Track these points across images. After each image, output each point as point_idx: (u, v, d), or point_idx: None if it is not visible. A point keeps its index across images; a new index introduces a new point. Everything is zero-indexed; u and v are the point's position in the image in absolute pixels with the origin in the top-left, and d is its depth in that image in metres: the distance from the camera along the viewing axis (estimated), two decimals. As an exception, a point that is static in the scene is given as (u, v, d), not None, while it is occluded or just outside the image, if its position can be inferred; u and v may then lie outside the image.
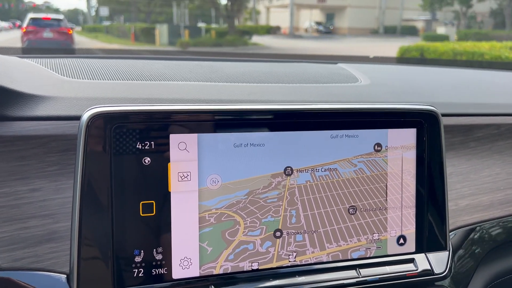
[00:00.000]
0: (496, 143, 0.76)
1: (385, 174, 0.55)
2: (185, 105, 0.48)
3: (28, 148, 0.51)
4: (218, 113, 0.48)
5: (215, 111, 0.48)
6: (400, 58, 1.69)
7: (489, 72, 1.08)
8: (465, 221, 0.65)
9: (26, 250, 0.47)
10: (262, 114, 0.50)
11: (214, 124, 0.48)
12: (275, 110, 0.50)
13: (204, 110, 0.48)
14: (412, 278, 0.55)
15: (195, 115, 0.48)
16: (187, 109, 0.47)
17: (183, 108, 0.47)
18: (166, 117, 0.47)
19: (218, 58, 0.94)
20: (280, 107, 0.51)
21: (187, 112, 0.47)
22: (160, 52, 2.82)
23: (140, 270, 0.46)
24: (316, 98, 0.70)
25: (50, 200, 0.50)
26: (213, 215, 0.49)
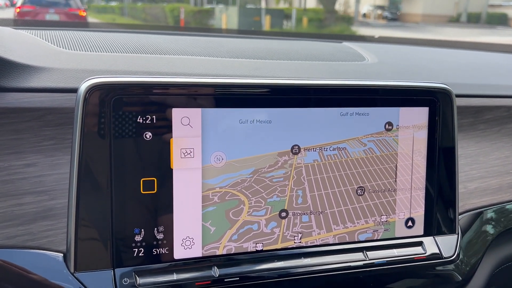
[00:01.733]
0: (506, 126, 0.74)
1: (395, 155, 0.53)
2: (188, 78, 0.45)
3: (22, 121, 0.48)
4: (223, 87, 0.46)
5: (220, 84, 0.46)
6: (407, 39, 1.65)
7: (499, 54, 1.05)
8: (474, 204, 0.63)
9: (21, 227, 0.45)
10: (269, 89, 0.47)
11: (219, 98, 0.46)
12: (283, 85, 0.48)
13: (209, 83, 0.45)
14: (420, 262, 0.53)
15: (199, 89, 0.45)
16: (191, 82, 0.45)
17: (186, 80, 0.45)
18: (169, 90, 0.44)
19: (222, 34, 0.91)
20: (288, 82, 0.48)
21: (191, 85, 0.45)
22: (163, 27, 2.72)
23: (140, 249, 0.44)
24: (323, 76, 0.67)
25: (45, 176, 0.47)
26: (216, 193, 0.47)
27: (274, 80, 0.48)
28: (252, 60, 0.69)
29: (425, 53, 0.98)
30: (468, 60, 0.95)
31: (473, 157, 0.69)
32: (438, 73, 0.81)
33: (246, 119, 0.47)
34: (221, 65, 0.64)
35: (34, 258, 0.44)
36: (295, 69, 0.69)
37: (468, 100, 0.72)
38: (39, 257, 0.44)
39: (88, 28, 0.80)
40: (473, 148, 0.70)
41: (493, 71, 0.88)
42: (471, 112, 0.72)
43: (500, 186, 0.67)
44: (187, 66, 0.62)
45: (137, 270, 0.44)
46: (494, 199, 0.65)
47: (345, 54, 0.82)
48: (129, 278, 0.43)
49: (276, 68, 0.68)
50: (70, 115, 0.49)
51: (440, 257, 0.54)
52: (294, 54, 0.77)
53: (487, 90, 0.75)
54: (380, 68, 0.76)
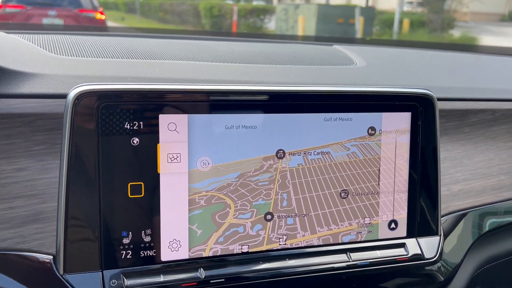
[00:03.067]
0: (491, 129, 0.75)
1: (378, 158, 0.54)
2: (175, 85, 0.46)
3: (13, 127, 0.49)
4: (209, 94, 0.47)
5: (206, 91, 0.47)
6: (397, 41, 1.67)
7: (485, 56, 1.06)
8: (458, 206, 0.64)
9: (12, 230, 0.46)
10: (255, 95, 0.49)
11: (205, 104, 0.47)
12: (268, 92, 0.49)
13: (195, 90, 0.47)
14: (403, 263, 0.55)
15: (185, 95, 0.46)
16: (177, 89, 0.46)
17: (173, 87, 0.46)
18: (156, 97, 0.45)
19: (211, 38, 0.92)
20: (273, 89, 0.49)
21: (177, 92, 0.46)
22: (150, 30, 2.70)
23: (128, 252, 0.46)
24: (311, 80, 0.69)
25: (36, 180, 0.49)
26: (203, 197, 0.48)
27: (260, 87, 0.49)
28: (241, 65, 0.70)
29: (413, 55, 0.99)
30: (454, 63, 0.96)
31: (458, 159, 0.70)
32: (424, 76, 0.82)
33: (232, 124, 0.49)
34: (210, 70, 0.65)
35: (24, 260, 0.45)
36: (284, 73, 0.70)
37: (453, 103, 0.73)
38: (29, 259, 0.45)
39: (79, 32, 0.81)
40: (458, 150, 0.71)
41: (478, 74, 0.89)
42: (456, 115, 0.73)
43: (483, 188, 0.69)
44: (176, 71, 0.63)
45: (125, 272, 0.45)
46: (478, 201, 0.67)
47: (334, 58, 0.84)
48: (117, 280, 0.45)
49: (265, 72, 0.69)
50: (61, 120, 0.50)
51: (422, 258, 0.56)
52: (284, 58, 0.78)
53: (472, 93, 0.76)
54: (368, 72, 0.78)
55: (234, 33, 1.52)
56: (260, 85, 0.49)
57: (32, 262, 0.45)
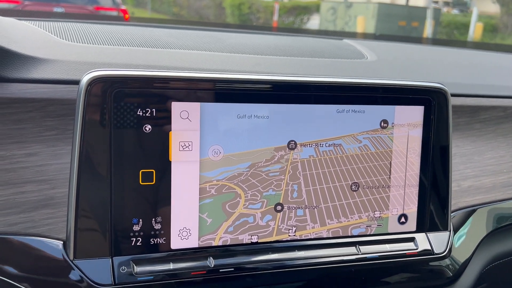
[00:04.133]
0: (502, 126, 0.75)
1: (390, 152, 0.54)
2: (188, 73, 0.46)
3: (25, 111, 0.49)
4: (222, 82, 0.47)
5: (219, 79, 0.47)
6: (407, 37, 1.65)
7: (497, 54, 1.06)
8: (467, 202, 0.64)
9: (22, 215, 0.46)
10: (267, 85, 0.48)
11: (218, 93, 0.47)
12: (281, 81, 0.49)
13: (208, 78, 0.46)
14: (412, 257, 0.54)
15: (198, 83, 0.46)
16: (191, 77, 0.46)
17: (186, 75, 0.46)
18: (169, 84, 0.45)
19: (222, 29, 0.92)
20: (286, 79, 0.49)
21: (190, 80, 0.46)
22: (162, 20, 2.67)
23: (138, 239, 0.46)
24: (322, 73, 0.68)
25: (47, 165, 0.48)
26: (214, 186, 0.48)
27: (273, 76, 0.49)
28: (252, 56, 0.70)
29: (424, 51, 0.98)
30: (466, 60, 0.95)
31: (468, 156, 0.70)
32: (436, 72, 0.82)
33: (244, 114, 0.48)
34: (221, 60, 0.65)
35: (35, 244, 0.45)
36: (295, 65, 0.69)
37: (464, 99, 0.73)
38: (39, 244, 0.45)
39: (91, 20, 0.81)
40: (468, 147, 0.71)
41: (490, 71, 0.89)
42: (467, 111, 0.73)
43: (493, 185, 0.68)
44: (187, 60, 0.62)
45: (135, 259, 0.45)
46: (487, 197, 0.66)
47: (345, 51, 0.83)
48: (126, 267, 0.45)
49: (276, 64, 0.69)
50: (72, 106, 0.50)
51: (431, 253, 0.55)
52: (295, 50, 0.78)
53: (484, 90, 0.76)
54: (379, 66, 0.77)
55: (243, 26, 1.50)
56: (273, 75, 0.49)
57: (42, 247, 0.45)
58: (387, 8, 9.33)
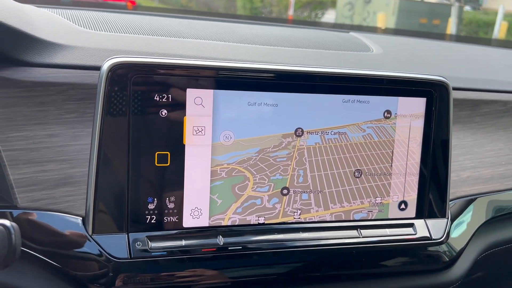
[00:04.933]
0: (502, 119, 0.77)
1: (392, 141, 0.56)
2: (203, 61, 0.49)
3: (47, 95, 0.52)
4: (234, 71, 0.49)
5: (232, 68, 0.49)
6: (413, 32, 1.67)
7: (500, 50, 1.07)
8: (465, 192, 0.67)
9: (44, 192, 0.49)
10: (277, 74, 0.51)
11: (230, 81, 0.49)
12: (290, 71, 0.51)
13: (222, 66, 0.49)
14: (410, 242, 0.57)
15: (212, 71, 0.49)
16: (205, 65, 0.48)
17: (201, 63, 0.48)
18: (185, 72, 0.48)
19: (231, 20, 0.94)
20: (296, 69, 0.51)
21: (205, 68, 0.48)
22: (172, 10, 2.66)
23: (152, 217, 0.49)
24: (329, 64, 0.71)
25: (67, 146, 0.51)
26: (224, 169, 0.51)
27: (282, 66, 0.51)
28: (261, 46, 0.72)
29: (428, 46, 1.00)
30: (468, 55, 0.97)
31: (468, 147, 0.72)
32: (439, 65, 0.84)
33: (255, 101, 0.51)
34: (231, 50, 0.67)
35: (55, 220, 0.48)
36: (302, 56, 0.72)
37: (466, 93, 0.75)
38: (60, 219, 0.48)
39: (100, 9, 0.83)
40: (468, 139, 0.73)
41: (492, 66, 0.91)
42: (468, 105, 0.75)
43: (492, 176, 0.71)
44: (200, 49, 0.65)
45: (149, 235, 0.48)
46: (485, 188, 0.69)
47: (351, 44, 0.85)
48: (142, 242, 0.48)
49: (284, 55, 0.71)
50: (91, 90, 0.53)
51: (429, 238, 0.58)
52: (302, 42, 0.80)
53: (485, 84, 0.78)
54: (384, 59, 0.79)
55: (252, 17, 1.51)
56: (283, 65, 0.51)
57: (62, 222, 0.48)
58: (408, 5, 8.82)
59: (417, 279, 0.60)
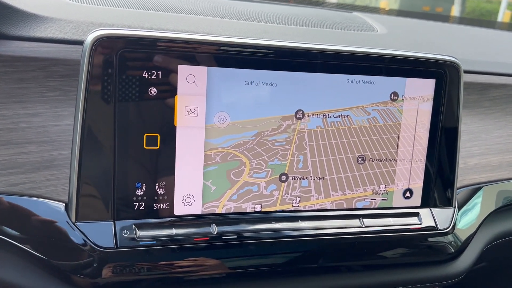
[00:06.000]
0: (511, 105, 0.74)
1: (398, 125, 0.53)
2: (196, 35, 0.45)
3: (27, 70, 0.48)
4: (231, 46, 0.45)
5: (228, 43, 0.45)
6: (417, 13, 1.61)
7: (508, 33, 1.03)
8: (473, 180, 0.64)
9: (24, 175, 0.45)
10: (277, 51, 0.47)
11: (225, 58, 0.45)
12: (291, 48, 0.47)
13: (217, 41, 0.45)
14: (415, 232, 0.54)
15: (206, 47, 0.45)
16: (199, 39, 0.44)
17: (194, 37, 0.44)
18: (176, 46, 0.44)
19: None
20: (297, 45, 0.48)
21: (198, 43, 0.44)
22: None
23: (141, 203, 0.45)
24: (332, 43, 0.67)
25: (49, 126, 0.48)
26: (219, 153, 0.47)
27: (283, 42, 0.47)
28: (260, 23, 0.68)
29: (435, 27, 0.96)
30: (477, 37, 0.93)
31: (476, 133, 0.69)
32: (446, 47, 0.80)
33: (252, 80, 0.47)
34: (228, 26, 0.63)
35: (36, 206, 0.45)
36: (303, 34, 0.68)
37: (475, 76, 0.71)
38: (41, 205, 0.45)
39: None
40: (476, 125, 0.70)
41: (502, 49, 0.87)
42: (477, 89, 0.71)
43: (500, 163, 0.67)
44: (194, 25, 0.61)
45: (137, 223, 0.45)
46: (493, 176, 0.66)
47: (355, 24, 0.81)
48: (129, 231, 0.44)
49: (284, 32, 0.67)
50: (75, 67, 0.49)
51: (435, 228, 0.55)
52: (303, 20, 0.76)
53: (495, 68, 0.74)
54: (389, 39, 0.75)
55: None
56: (283, 41, 0.47)
57: (44, 209, 0.45)
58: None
59: (422, 271, 0.57)
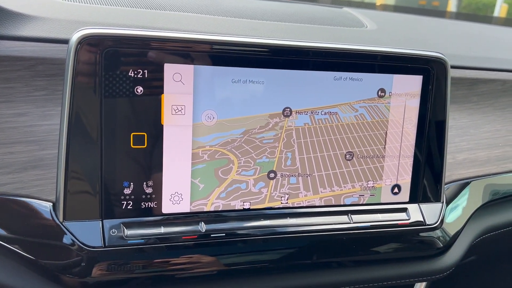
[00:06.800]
0: (499, 99, 0.74)
1: (386, 121, 0.53)
2: (182, 33, 0.45)
3: (13, 70, 0.48)
4: (217, 44, 0.45)
5: (214, 41, 0.45)
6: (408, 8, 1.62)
7: (498, 27, 1.04)
8: (461, 174, 0.64)
9: (11, 175, 0.45)
10: (263, 49, 0.47)
11: (212, 56, 0.45)
12: (277, 46, 0.47)
13: (203, 40, 0.45)
14: (404, 227, 0.55)
15: (192, 45, 0.44)
16: (184, 38, 0.44)
17: (179, 36, 0.44)
18: (161, 45, 0.44)
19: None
20: (283, 43, 0.48)
21: (184, 41, 0.44)
22: None
23: (129, 202, 0.45)
24: (320, 40, 0.67)
25: (36, 126, 0.47)
26: (206, 152, 0.47)
27: (269, 40, 0.47)
28: (249, 20, 0.68)
29: (424, 22, 0.96)
30: (466, 32, 0.94)
31: (464, 128, 0.69)
32: (436, 42, 0.80)
33: (239, 78, 0.47)
34: (217, 24, 0.63)
35: (23, 206, 0.44)
36: (292, 31, 0.68)
37: (463, 71, 0.72)
38: (28, 205, 0.45)
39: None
40: (465, 120, 0.70)
41: (491, 44, 0.87)
42: (465, 84, 0.72)
43: (488, 158, 0.68)
44: (182, 22, 0.61)
45: (125, 222, 0.45)
46: (481, 170, 0.66)
47: (344, 19, 0.81)
48: (117, 230, 0.44)
49: (273, 29, 0.67)
50: (62, 66, 0.49)
51: (423, 224, 0.55)
52: (293, 16, 0.76)
53: (484, 62, 0.75)
54: (378, 35, 0.76)
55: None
56: (270, 38, 0.47)
57: (31, 208, 0.45)
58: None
59: (410, 266, 0.58)
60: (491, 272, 0.84)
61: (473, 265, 0.71)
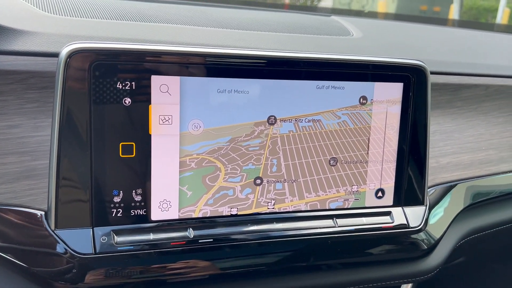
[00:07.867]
0: (483, 104, 0.76)
1: (368, 128, 0.55)
2: (168, 46, 0.46)
3: (5, 83, 0.49)
4: (202, 56, 0.47)
5: (199, 53, 0.47)
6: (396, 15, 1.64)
7: (481, 33, 1.06)
8: (445, 178, 0.66)
9: (4, 186, 0.47)
10: (247, 60, 0.49)
11: (198, 67, 0.47)
12: (261, 57, 0.49)
13: (188, 52, 0.47)
14: (388, 230, 0.56)
15: (178, 57, 0.46)
16: (170, 50, 0.46)
17: (166, 49, 0.46)
18: (149, 57, 0.45)
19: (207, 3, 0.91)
20: (266, 54, 0.49)
21: (170, 53, 0.46)
22: None
23: (119, 210, 0.47)
24: (306, 49, 0.68)
25: (28, 137, 0.49)
26: (194, 160, 0.49)
27: (253, 51, 0.49)
28: (236, 31, 0.70)
29: (410, 29, 0.98)
30: (451, 38, 0.96)
31: (448, 133, 0.71)
32: (421, 49, 0.82)
33: (224, 88, 0.49)
34: (204, 35, 0.65)
35: (16, 215, 0.46)
36: (279, 41, 0.69)
37: (447, 77, 0.74)
38: (21, 214, 0.46)
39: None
40: (449, 124, 0.72)
41: (474, 49, 0.89)
42: (449, 89, 0.73)
43: (471, 162, 0.70)
44: (170, 34, 0.62)
45: (116, 229, 0.46)
46: (465, 174, 0.68)
47: (331, 28, 0.83)
48: (107, 237, 0.46)
49: (260, 39, 0.69)
50: (53, 79, 0.50)
51: (407, 226, 0.57)
52: (280, 26, 0.77)
53: (467, 68, 0.77)
54: (364, 43, 0.77)
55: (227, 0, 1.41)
56: (253, 50, 0.49)
57: (23, 217, 0.46)
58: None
59: (395, 268, 0.59)
60: (481, 272, 0.85)
61: (463, 266, 0.73)
